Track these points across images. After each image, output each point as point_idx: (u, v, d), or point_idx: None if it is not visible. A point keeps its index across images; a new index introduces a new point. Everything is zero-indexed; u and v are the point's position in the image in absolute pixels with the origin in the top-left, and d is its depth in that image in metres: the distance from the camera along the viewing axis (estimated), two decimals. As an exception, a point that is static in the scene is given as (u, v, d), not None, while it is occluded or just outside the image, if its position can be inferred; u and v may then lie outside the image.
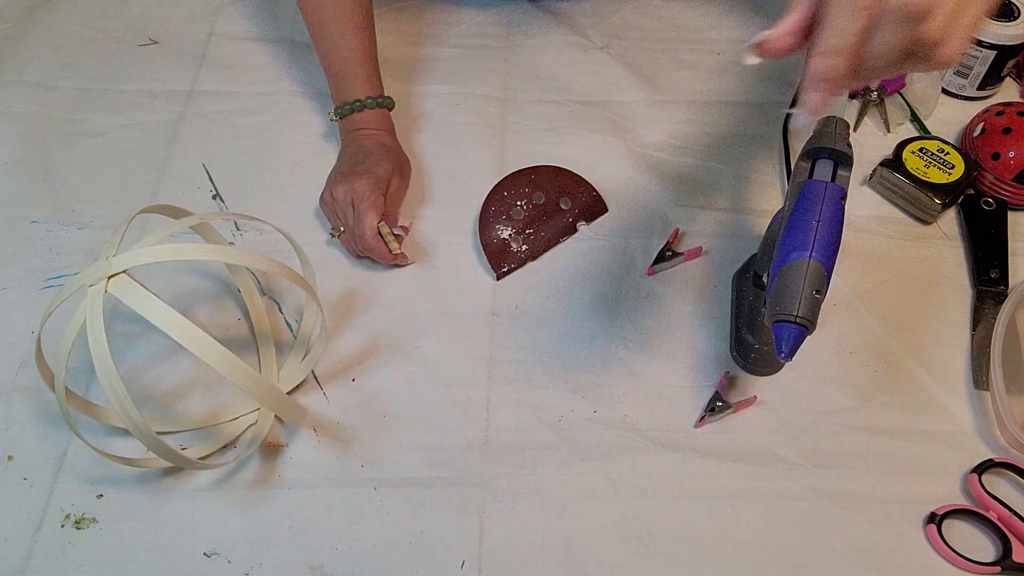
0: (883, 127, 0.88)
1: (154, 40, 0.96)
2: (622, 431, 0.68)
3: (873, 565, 0.62)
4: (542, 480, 0.66)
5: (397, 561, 0.62)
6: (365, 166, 0.76)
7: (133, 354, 0.72)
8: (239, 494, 0.65)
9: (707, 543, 0.63)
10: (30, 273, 0.77)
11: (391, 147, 0.80)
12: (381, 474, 0.66)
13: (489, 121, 0.88)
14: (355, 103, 0.79)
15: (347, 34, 0.79)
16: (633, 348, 0.73)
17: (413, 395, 0.70)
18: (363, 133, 0.80)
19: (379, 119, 0.81)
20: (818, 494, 0.65)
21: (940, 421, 0.69)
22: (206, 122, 0.88)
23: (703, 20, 0.98)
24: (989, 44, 0.84)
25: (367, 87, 0.80)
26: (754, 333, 0.70)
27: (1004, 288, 0.75)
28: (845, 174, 0.60)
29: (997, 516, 0.63)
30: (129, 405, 0.56)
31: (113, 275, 0.57)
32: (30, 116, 0.89)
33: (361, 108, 0.80)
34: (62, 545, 0.63)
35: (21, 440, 0.67)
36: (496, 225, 0.78)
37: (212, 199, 0.82)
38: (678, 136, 0.87)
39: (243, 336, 0.74)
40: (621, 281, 0.77)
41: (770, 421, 0.69)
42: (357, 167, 0.76)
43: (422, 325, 0.74)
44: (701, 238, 0.79)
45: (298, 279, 0.63)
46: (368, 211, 0.73)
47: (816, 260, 0.55)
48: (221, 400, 0.70)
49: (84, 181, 0.84)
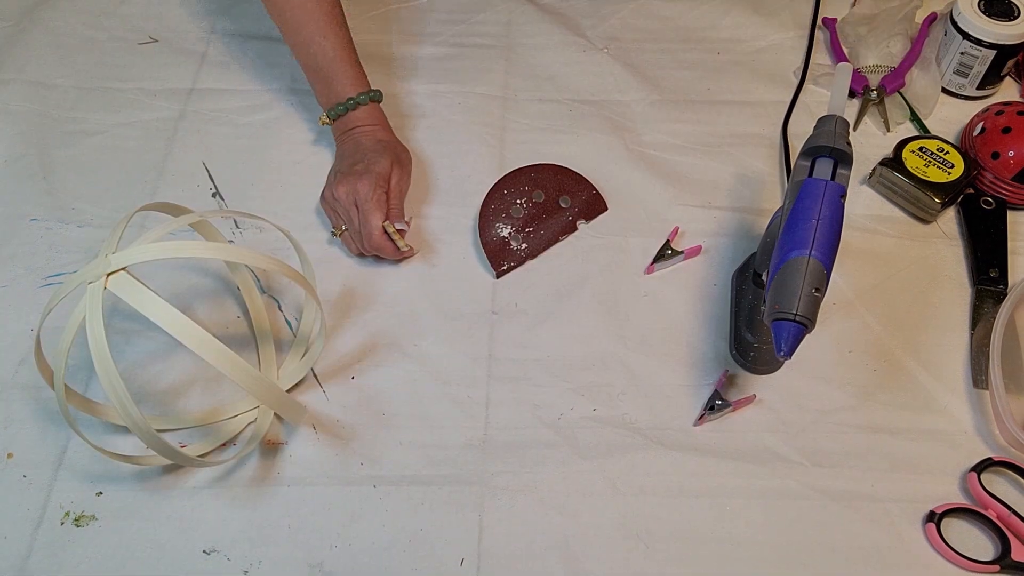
0: (883, 126, 0.88)
1: (154, 38, 0.96)
2: (621, 429, 0.68)
3: (872, 563, 0.62)
4: (541, 478, 0.66)
5: (396, 559, 0.62)
6: (364, 165, 0.76)
7: (132, 351, 0.72)
8: (238, 492, 0.65)
9: (706, 541, 0.63)
10: (29, 271, 0.77)
11: (387, 141, 0.80)
12: (380, 472, 0.66)
13: (489, 120, 0.88)
14: (348, 102, 0.79)
15: (327, 34, 0.79)
16: (632, 346, 0.73)
17: (412, 393, 0.70)
18: (359, 131, 0.80)
19: (372, 114, 0.80)
20: (817, 492, 0.65)
21: (939, 420, 0.69)
22: (206, 120, 0.88)
23: (703, 20, 0.98)
24: (989, 44, 0.84)
25: (356, 84, 0.80)
26: (753, 331, 0.70)
27: (1003, 287, 0.75)
28: (845, 173, 0.60)
29: (996, 515, 0.63)
30: (128, 403, 0.56)
31: (112, 272, 0.57)
32: (30, 114, 0.89)
33: (355, 106, 0.79)
34: (62, 542, 0.63)
35: (21, 437, 0.67)
36: (496, 223, 0.78)
37: (212, 197, 0.82)
38: (678, 135, 0.87)
39: (242, 334, 0.74)
40: (620, 279, 0.77)
41: (769, 420, 0.69)
42: (356, 166, 0.76)
43: (422, 323, 0.74)
44: (701, 237, 0.79)
45: (298, 277, 0.63)
46: (373, 212, 0.73)
47: (816, 258, 0.55)
48: (220, 398, 0.70)
49: (84, 179, 0.83)
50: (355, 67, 0.80)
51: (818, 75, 0.92)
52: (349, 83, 0.79)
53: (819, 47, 0.95)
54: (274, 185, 0.83)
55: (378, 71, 0.92)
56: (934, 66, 0.89)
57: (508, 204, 0.80)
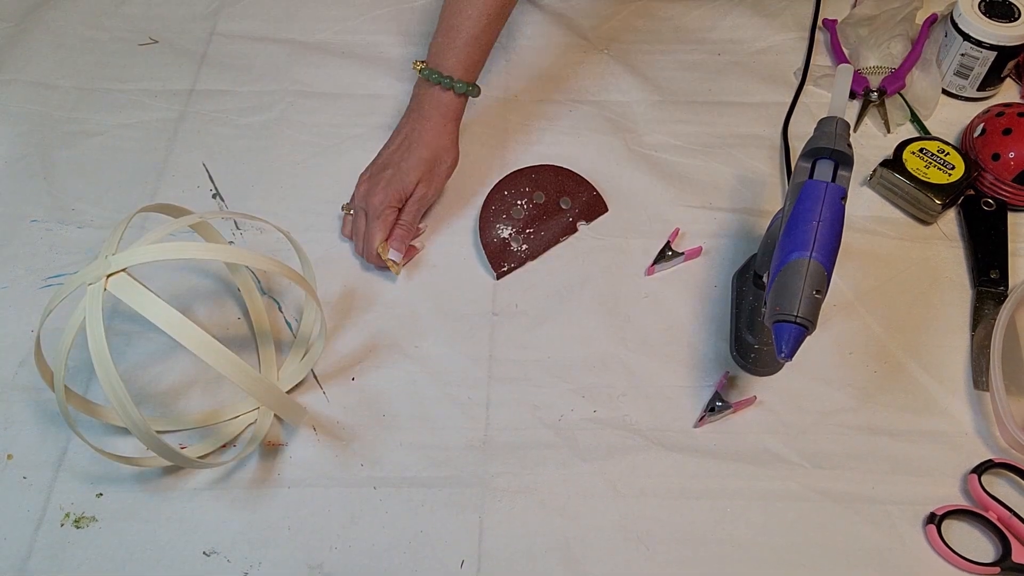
0: (883, 128, 0.88)
1: (154, 39, 0.96)
2: (622, 431, 0.68)
3: (873, 565, 0.62)
4: (542, 480, 0.66)
5: (396, 560, 0.62)
6: (394, 171, 0.76)
7: (132, 353, 0.72)
8: (238, 493, 0.65)
9: (707, 543, 0.63)
10: (30, 272, 0.77)
11: (437, 149, 0.78)
12: (380, 473, 0.66)
13: (489, 121, 0.88)
14: (446, 79, 0.76)
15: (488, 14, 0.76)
16: (633, 348, 0.73)
17: (413, 394, 0.70)
18: (427, 115, 0.77)
19: (452, 107, 0.78)
20: (818, 494, 0.65)
21: (940, 421, 0.69)
22: (206, 121, 0.88)
23: (703, 21, 0.98)
24: (989, 45, 0.84)
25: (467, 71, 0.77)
26: (754, 333, 0.70)
27: (1004, 289, 0.75)
28: (845, 174, 0.60)
29: (996, 516, 0.63)
30: (128, 404, 0.56)
31: (112, 273, 0.57)
32: (30, 115, 0.88)
33: (448, 87, 0.76)
34: (61, 544, 0.63)
35: (21, 439, 0.67)
36: (496, 224, 0.78)
37: (212, 198, 0.82)
38: (678, 136, 0.87)
39: (243, 335, 0.74)
40: (621, 281, 0.77)
41: (770, 421, 0.69)
42: (386, 171, 0.76)
43: (422, 324, 0.74)
44: (701, 238, 0.79)
45: (298, 278, 0.63)
46: (375, 231, 0.74)
47: (816, 260, 0.55)
48: (220, 399, 0.70)
49: (84, 180, 0.83)
50: (478, 57, 0.77)
51: (818, 76, 0.92)
52: (462, 66, 0.77)
53: (819, 48, 0.95)
54: (274, 186, 0.83)
55: (378, 71, 0.92)
56: (934, 67, 0.89)
57: (508, 205, 0.80)
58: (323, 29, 0.96)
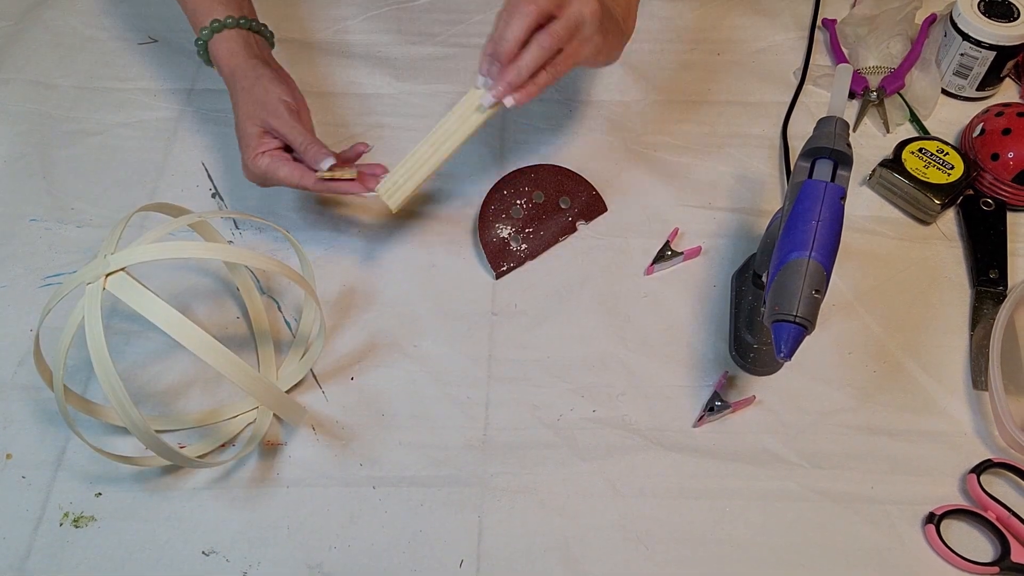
0: (882, 127, 0.88)
1: (154, 38, 0.96)
2: (621, 430, 0.68)
3: (872, 565, 0.62)
4: (541, 479, 0.66)
5: (395, 560, 0.62)
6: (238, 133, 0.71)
7: (131, 352, 0.72)
8: (237, 492, 0.65)
9: (706, 543, 0.63)
10: (29, 271, 0.77)
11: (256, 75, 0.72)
12: (380, 473, 0.66)
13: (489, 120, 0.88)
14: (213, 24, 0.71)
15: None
16: (632, 347, 0.73)
17: (412, 394, 0.70)
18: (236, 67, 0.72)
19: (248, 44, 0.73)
20: (817, 494, 0.65)
21: (939, 421, 0.69)
22: (205, 120, 0.88)
23: (703, 21, 0.98)
24: (989, 45, 0.84)
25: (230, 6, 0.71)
26: (753, 333, 0.70)
27: (1003, 289, 0.75)
28: (845, 174, 0.60)
29: (996, 516, 0.63)
30: (127, 403, 0.56)
31: (111, 273, 0.57)
32: (29, 114, 0.88)
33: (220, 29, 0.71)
34: (60, 543, 0.63)
35: (20, 438, 0.67)
36: (496, 224, 0.78)
37: (211, 197, 0.82)
38: (678, 136, 0.87)
39: (242, 334, 0.74)
40: (620, 280, 0.77)
41: (769, 421, 0.69)
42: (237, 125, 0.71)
43: (421, 324, 0.74)
44: (700, 238, 0.79)
45: (297, 277, 0.63)
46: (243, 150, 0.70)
47: (815, 260, 0.55)
48: (220, 398, 0.70)
49: (83, 179, 0.83)
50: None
51: (818, 76, 0.92)
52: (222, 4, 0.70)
53: (819, 48, 0.95)
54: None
55: (378, 71, 0.92)
56: (934, 67, 0.89)
57: (508, 205, 0.80)
58: (322, 29, 0.96)
